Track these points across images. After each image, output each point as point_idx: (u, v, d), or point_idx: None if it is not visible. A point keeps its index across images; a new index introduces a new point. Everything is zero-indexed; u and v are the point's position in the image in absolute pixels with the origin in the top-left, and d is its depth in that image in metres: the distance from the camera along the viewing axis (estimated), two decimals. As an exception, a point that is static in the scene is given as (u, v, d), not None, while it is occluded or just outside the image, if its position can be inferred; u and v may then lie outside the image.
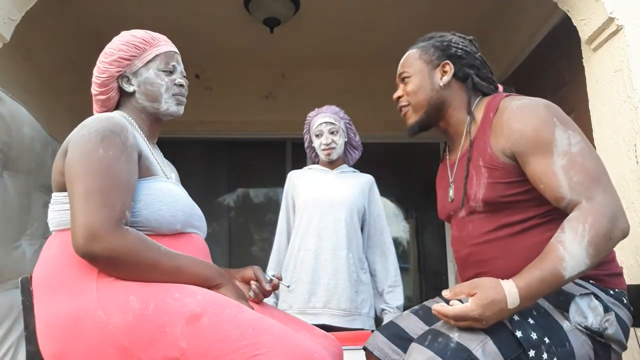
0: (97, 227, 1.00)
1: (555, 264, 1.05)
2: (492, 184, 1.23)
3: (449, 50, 1.37)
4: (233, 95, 4.14)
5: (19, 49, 2.53)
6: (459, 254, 1.35)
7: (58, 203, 1.15)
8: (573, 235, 1.06)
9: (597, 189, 1.10)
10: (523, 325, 1.07)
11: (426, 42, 1.42)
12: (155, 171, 1.21)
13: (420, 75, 1.37)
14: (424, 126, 1.40)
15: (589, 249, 1.05)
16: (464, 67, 1.36)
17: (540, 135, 1.16)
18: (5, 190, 1.66)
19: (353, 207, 2.18)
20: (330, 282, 2.08)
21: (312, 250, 2.12)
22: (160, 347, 0.97)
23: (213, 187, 4.42)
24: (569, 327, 1.10)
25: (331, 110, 2.29)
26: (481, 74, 1.38)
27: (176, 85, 1.32)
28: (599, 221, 1.06)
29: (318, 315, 2.05)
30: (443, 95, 1.35)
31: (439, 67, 1.36)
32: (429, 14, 3.40)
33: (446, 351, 1.03)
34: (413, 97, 1.37)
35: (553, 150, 1.14)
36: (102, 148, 1.08)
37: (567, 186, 1.12)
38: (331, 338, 1.27)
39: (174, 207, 1.17)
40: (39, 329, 1.06)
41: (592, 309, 1.12)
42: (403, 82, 1.41)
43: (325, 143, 2.22)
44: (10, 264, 1.66)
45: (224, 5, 3.29)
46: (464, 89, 1.36)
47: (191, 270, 1.09)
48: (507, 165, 1.21)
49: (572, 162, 1.13)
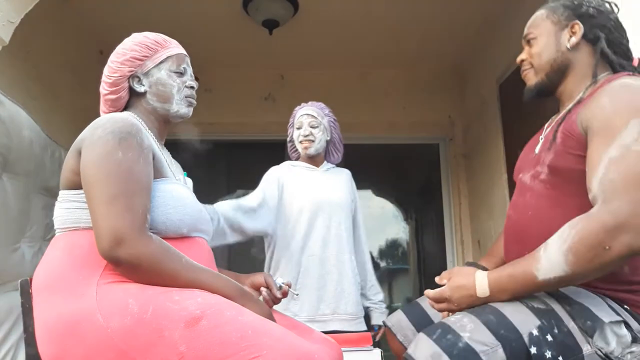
0: (123, 232, 1.01)
1: (530, 264, 1.04)
2: (562, 152, 1.15)
3: (580, 8, 1.27)
4: (232, 97, 4.14)
5: (19, 51, 2.53)
6: (510, 218, 1.30)
7: (67, 201, 1.14)
8: (558, 237, 1.03)
9: (622, 196, 1.00)
10: (540, 342, 1.01)
11: (556, 2, 1.32)
12: (165, 173, 1.22)
13: (547, 35, 1.29)
14: (543, 90, 1.31)
15: (568, 255, 1.00)
16: (595, 27, 1.25)
17: (614, 119, 1.06)
18: (4, 192, 1.66)
19: (348, 209, 2.18)
20: (337, 288, 2.06)
21: (317, 257, 2.09)
22: (159, 351, 0.96)
23: (212, 188, 4.41)
24: (589, 351, 1.03)
25: (316, 105, 2.26)
26: (612, 37, 1.26)
27: (187, 87, 1.33)
28: (589, 228, 1.00)
29: (328, 322, 2.03)
30: (568, 57, 1.26)
31: (568, 27, 1.27)
32: (428, 15, 3.40)
33: (453, 350, 1.00)
34: (537, 59, 1.30)
35: (615, 138, 1.04)
36: (120, 150, 1.08)
37: (599, 180, 1.03)
38: (331, 341, 1.27)
39: (182, 211, 1.17)
40: (38, 331, 1.06)
41: (618, 337, 1.04)
42: (528, 44, 1.34)
43: (304, 134, 2.18)
44: (9, 266, 1.66)
45: (222, 7, 3.29)
46: (592, 53, 1.26)
47: (211, 287, 1.08)
48: (581, 137, 1.12)
49: (623, 158, 1.02)
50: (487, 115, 3.60)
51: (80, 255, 1.07)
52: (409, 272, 4.99)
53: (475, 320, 1.05)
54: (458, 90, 4.21)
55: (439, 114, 4.20)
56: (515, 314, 1.06)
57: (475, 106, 3.85)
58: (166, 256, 1.06)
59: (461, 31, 3.57)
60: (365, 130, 3.94)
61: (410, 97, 4.15)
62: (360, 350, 1.75)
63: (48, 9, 2.40)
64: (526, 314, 1.06)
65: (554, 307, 1.07)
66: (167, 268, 1.05)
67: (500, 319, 1.05)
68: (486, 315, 1.06)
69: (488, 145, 3.61)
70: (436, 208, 4.27)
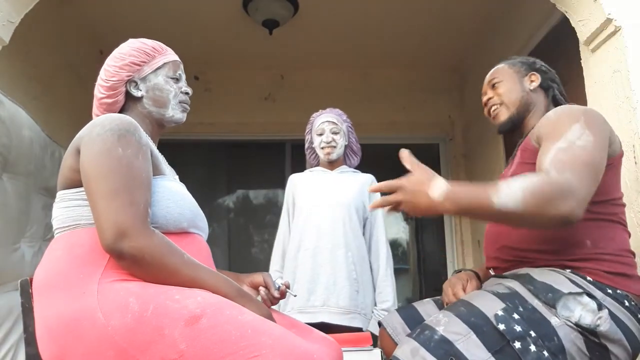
0: (126, 225, 1.02)
1: (490, 188, 1.11)
2: (520, 163, 1.38)
3: (535, 65, 1.55)
4: (232, 97, 4.15)
5: (18, 51, 2.53)
6: (491, 228, 1.45)
7: (65, 200, 1.15)
8: (522, 179, 1.12)
9: (572, 171, 1.13)
10: (506, 319, 1.11)
11: (512, 60, 1.58)
12: (163, 170, 1.24)
13: (511, 80, 1.53)
14: (515, 123, 1.51)
15: (527, 194, 1.08)
16: (547, 80, 1.53)
17: (559, 124, 1.27)
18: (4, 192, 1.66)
19: (351, 206, 2.18)
20: (329, 280, 2.08)
21: (311, 250, 2.12)
22: (159, 349, 0.97)
23: (212, 188, 4.42)
24: (558, 323, 1.12)
25: (335, 112, 2.32)
26: (560, 89, 1.55)
27: (182, 93, 1.36)
28: (548, 183, 1.11)
29: (317, 313, 2.05)
30: (532, 97, 1.51)
31: (527, 76, 1.53)
32: (428, 16, 3.40)
33: (430, 342, 1.10)
34: (506, 97, 1.51)
35: (561, 137, 1.22)
36: (120, 146, 1.09)
37: (550, 160, 1.18)
38: (331, 340, 1.27)
39: (181, 205, 1.18)
40: (38, 331, 1.06)
41: (582, 305, 1.13)
42: (493, 87, 1.56)
43: (326, 141, 2.23)
44: (9, 266, 1.66)
45: (223, 7, 3.29)
46: (546, 98, 1.53)
47: (210, 285, 1.09)
48: (534, 149, 1.31)
49: (569, 148, 1.19)
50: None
51: (81, 254, 1.07)
52: (409, 272, 4.99)
53: (449, 315, 1.16)
54: (458, 90, 4.22)
55: (439, 114, 4.21)
56: (482, 302, 1.17)
57: (475, 106, 3.85)
58: (168, 250, 1.06)
59: (461, 31, 3.57)
60: (365, 130, 3.93)
61: (410, 97, 4.16)
62: (360, 350, 1.75)
63: (48, 9, 2.41)
64: (491, 299, 1.17)
65: (517, 290, 1.19)
66: (169, 262, 1.06)
67: (470, 308, 1.16)
68: (457, 309, 1.17)
69: (488, 145, 3.61)
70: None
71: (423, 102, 4.16)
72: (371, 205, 1.25)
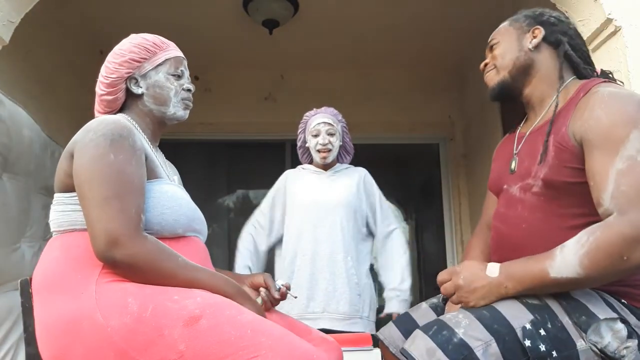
0: (117, 233, 1.02)
1: (545, 259, 1.05)
2: (557, 165, 1.16)
3: (541, 17, 1.32)
4: (232, 97, 4.14)
5: (19, 51, 2.53)
6: (499, 231, 1.30)
7: (61, 204, 1.15)
8: (575, 242, 1.04)
9: (638, 206, 1.02)
10: (533, 335, 1.03)
11: (517, 15, 1.37)
12: (159, 174, 1.22)
13: (509, 39, 1.32)
14: (506, 89, 1.32)
15: (584, 259, 1.02)
16: (556, 33, 1.29)
17: (614, 130, 1.07)
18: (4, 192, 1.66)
19: (350, 209, 2.15)
20: (328, 287, 2.06)
21: (309, 256, 2.09)
22: (159, 350, 0.97)
23: (212, 188, 4.42)
24: (583, 347, 1.04)
25: (330, 111, 2.26)
26: (574, 43, 1.30)
27: (184, 90, 1.32)
28: (608, 238, 1.02)
29: (317, 319, 2.03)
30: (531, 57, 1.29)
31: (530, 31, 1.30)
32: (428, 15, 3.40)
33: (448, 345, 1.02)
34: (499, 59, 1.32)
35: (619, 151, 1.06)
36: (112, 152, 1.08)
37: (610, 193, 1.05)
38: (331, 341, 1.27)
39: (177, 212, 1.17)
40: (38, 331, 1.06)
41: (613, 331, 1.04)
42: (491, 50, 1.36)
43: (322, 143, 2.18)
44: (9, 266, 1.66)
45: (223, 7, 3.29)
46: (555, 56, 1.29)
47: (208, 285, 1.09)
48: (575, 150, 1.13)
49: (631, 169, 1.04)
50: (487, 115, 3.60)
51: (78, 255, 1.07)
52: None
53: (470, 317, 1.06)
54: (458, 90, 4.21)
55: (439, 114, 4.21)
56: (508, 309, 1.07)
57: (475, 106, 3.85)
58: (162, 255, 1.06)
59: (461, 31, 3.57)
60: (365, 130, 3.94)
61: (410, 97, 4.15)
62: (360, 350, 1.75)
63: (48, 9, 2.40)
64: (519, 309, 1.07)
65: (548, 303, 1.09)
66: (164, 267, 1.05)
67: (494, 314, 1.06)
68: (480, 312, 1.07)
69: (488, 145, 3.61)
70: (436, 208, 4.27)
71: (423, 102, 4.15)
72: None
